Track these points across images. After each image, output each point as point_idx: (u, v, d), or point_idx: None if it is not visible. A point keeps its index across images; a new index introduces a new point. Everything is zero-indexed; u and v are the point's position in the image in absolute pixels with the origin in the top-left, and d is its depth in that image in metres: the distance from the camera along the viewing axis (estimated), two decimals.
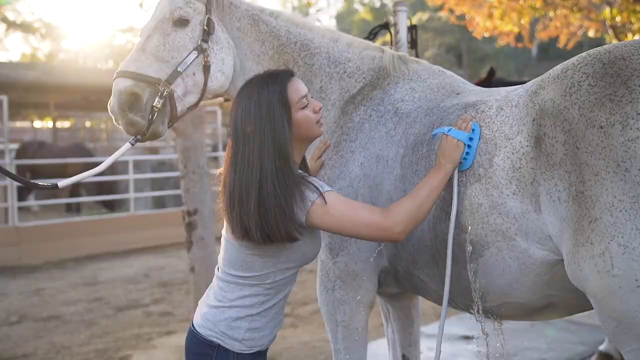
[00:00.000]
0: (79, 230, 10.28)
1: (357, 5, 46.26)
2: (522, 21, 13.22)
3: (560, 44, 14.98)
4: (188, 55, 2.55)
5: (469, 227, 2.13)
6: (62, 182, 2.52)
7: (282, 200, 2.01)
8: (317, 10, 50.69)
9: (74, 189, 14.23)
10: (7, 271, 9.14)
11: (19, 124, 25.77)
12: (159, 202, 13.17)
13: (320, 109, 2.23)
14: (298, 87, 2.18)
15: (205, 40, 2.60)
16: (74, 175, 2.57)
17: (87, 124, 25.72)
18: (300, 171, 2.18)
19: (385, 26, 3.80)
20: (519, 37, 14.98)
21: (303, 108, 2.16)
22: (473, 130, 2.16)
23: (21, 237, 9.67)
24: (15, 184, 9.91)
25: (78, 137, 23.86)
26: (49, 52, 34.01)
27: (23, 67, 17.57)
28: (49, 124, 22.75)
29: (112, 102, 2.45)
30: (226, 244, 2.19)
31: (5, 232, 9.64)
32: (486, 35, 14.45)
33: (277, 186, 2.02)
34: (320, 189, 2.07)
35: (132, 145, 2.54)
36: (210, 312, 2.18)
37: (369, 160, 2.50)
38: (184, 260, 8.10)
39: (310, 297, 6.98)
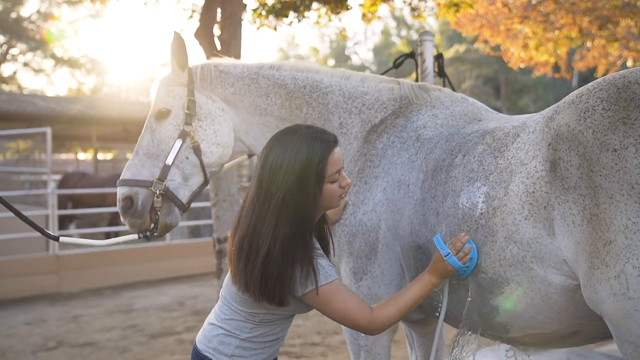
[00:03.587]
0: (117, 259, 10.45)
1: (394, 38, 46.61)
2: (558, 51, 13.13)
3: (599, 74, 14.78)
4: (173, 145, 2.65)
5: (487, 267, 2.14)
6: (64, 239, 2.78)
7: (285, 271, 2.01)
8: (355, 44, 51.28)
9: (113, 219, 14.51)
10: (47, 298, 9.36)
11: (63, 155, 26.56)
12: (195, 232, 13.34)
13: (348, 185, 2.19)
14: (337, 160, 2.13)
15: (188, 123, 2.68)
16: (112, 205, 2.90)
17: (128, 155, 26.34)
18: (316, 246, 2.15)
19: (411, 55, 3.85)
20: (556, 68, 14.87)
21: (332, 182, 2.14)
22: (471, 259, 2.14)
23: (61, 265, 9.88)
24: (56, 213, 10.19)
25: (119, 168, 24.43)
26: (94, 86, 35.13)
27: (67, 101, 18.22)
28: (91, 155, 23.36)
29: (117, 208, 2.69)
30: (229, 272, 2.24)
31: (46, 260, 9.87)
32: (522, 65, 14.37)
33: (284, 254, 2.01)
34: (324, 280, 2.06)
35: (139, 238, 2.73)
36: (208, 328, 2.27)
37: (391, 185, 2.53)
38: (217, 288, 8.16)
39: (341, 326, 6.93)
